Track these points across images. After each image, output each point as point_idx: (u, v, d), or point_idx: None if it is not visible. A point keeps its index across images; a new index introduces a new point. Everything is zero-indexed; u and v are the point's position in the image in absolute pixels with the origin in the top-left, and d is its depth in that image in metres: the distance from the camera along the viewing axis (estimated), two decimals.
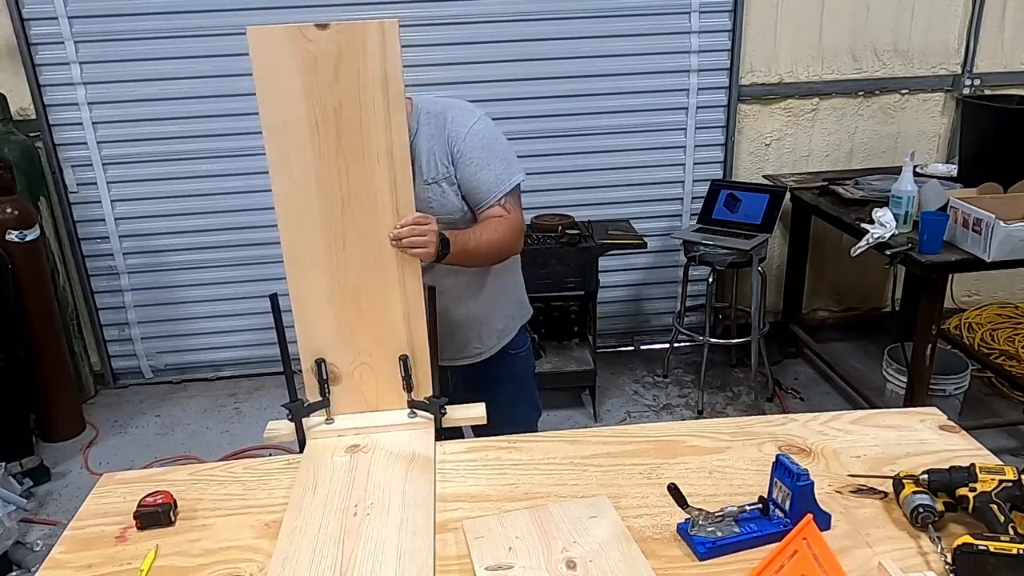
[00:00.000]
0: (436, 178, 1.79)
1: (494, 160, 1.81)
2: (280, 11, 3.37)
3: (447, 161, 1.79)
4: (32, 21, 3.35)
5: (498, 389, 2.01)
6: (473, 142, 1.78)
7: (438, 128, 1.79)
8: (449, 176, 1.80)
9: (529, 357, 2.12)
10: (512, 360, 2.05)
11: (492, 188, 1.80)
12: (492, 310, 1.99)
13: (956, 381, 3.19)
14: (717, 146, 3.85)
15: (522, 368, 2.11)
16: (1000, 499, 1.18)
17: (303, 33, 1.38)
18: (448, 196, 1.80)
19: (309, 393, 1.55)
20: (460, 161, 1.79)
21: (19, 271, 3.13)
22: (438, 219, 1.76)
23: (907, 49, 3.78)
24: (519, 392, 2.10)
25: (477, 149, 1.78)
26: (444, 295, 1.84)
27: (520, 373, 2.10)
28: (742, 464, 1.41)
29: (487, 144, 1.80)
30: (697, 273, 3.75)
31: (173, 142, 3.56)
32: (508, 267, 2.02)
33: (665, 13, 3.60)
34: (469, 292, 1.94)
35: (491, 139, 1.82)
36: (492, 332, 2.01)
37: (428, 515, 1.27)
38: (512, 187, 1.83)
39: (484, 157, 1.79)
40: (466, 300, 1.93)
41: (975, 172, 3.14)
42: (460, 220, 1.83)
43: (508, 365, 2.05)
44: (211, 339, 3.90)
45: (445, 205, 1.80)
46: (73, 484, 3.13)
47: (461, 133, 1.79)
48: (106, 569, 1.21)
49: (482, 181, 1.79)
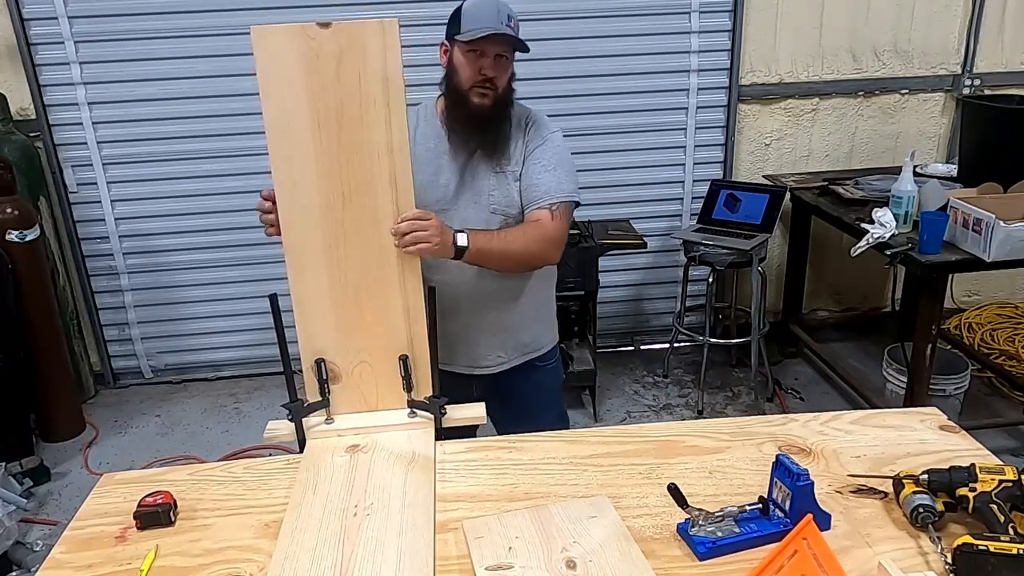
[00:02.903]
0: (504, 168, 1.84)
1: (560, 169, 1.85)
2: (280, 11, 3.36)
3: (520, 157, 1.84)
4: (32, 21, 3.35)
5: (526, 400, 2.02)
6: (548, 147, 1.85)
7: (518, 122, 1.86)
8: (515, 171, 1.85)
9: (557, 368, 2.11)
10: (540, 372, 2.05)
11: (549, 191, 1.83)
12: (521, 322, 1.98)
13: (956, 381, 3.18)
14: (717, 146, 3.85)
15: (550, 380, 2.10)
16: (1000, 499, 1.18)
17: (306, 32, 1.40)
18: (511, 189, 1.84)
19: (309, 393, 1.55)
20: (530, 158, 1.84)
21: (19, 271, 3.12)
22: (496, 211, 1.83)
23: (907, 49, 3.78)
24: (546, 403, 2.09)
25: (549, 153, 1.85)
26: (477, 297, 1.88)
27: (548, 384, 2.10)
28: (742, 464, 1.41)
29: (560, 154, 1.87)
30: (697, 273, 3.75)
31: (173, 142, 3.56)
32: (547, 282, 2.03)
33: (665, 13, 3.60)
34: (503, 299, 1.93)
35: (564, 152, 1.88)
36: (517, 344, 1.99)
37: (428, 515, 1.27)
38: (568, 199, 1.85)
39: (553, 163, 1.85)
40: (499, 306, 1.93)
41: (975, 172, 3.14)
42: (515, 218, 1.86)
43: (535, 377, 2.04)
44: (211, 339, 3.90)
45: (507, 197, 1.84)
46: (73, 484, 3.13)
47: (541, 135, 1.87)
48: (106, 569, 1.21)
49: (542, 182, 1.83)
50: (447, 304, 1.84)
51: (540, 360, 2.04)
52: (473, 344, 1.94)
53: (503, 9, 1.75)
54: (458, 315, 1.89)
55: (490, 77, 1.75)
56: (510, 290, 1.94)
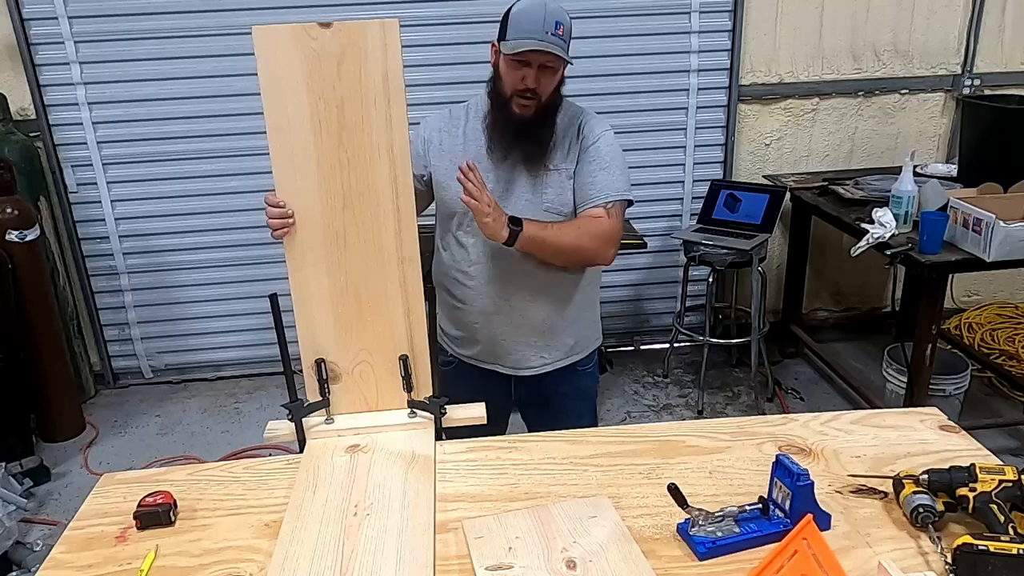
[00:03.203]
0: (558, 166, 1.83)
1: (615, 168, 1.85)
2: (280, 11, 3.36)
3: (574, 156, 1.84)
4: (32, 21, 3.35)
5: (565, 404, 2.01)
6: (602, 145, 1.85)
7: (571, 121, 1.86)
8: (570, 169, 1.84)
9: (595, 372, 2.11)
10: (579, 375, 2.04)
11: (604, 189, 1.83)
12: (568, 324, 1.96)
13: (956, 381, 3.19)
14: (717, 146, 3.85)
15: (588, 383, 2.09)
16: (1000, 499, 1.18)
17: (307, 32, 1.40)
18: (565, 188, 1.84)
19: (309, 393, 1.55)
20: (584, 157, 1.84)
21: (19, 271, 3.12)
22: (549, 209, 1.83)
23: (907, 49, 3.78)
24: (583, 408, 2.08)
25: (604, 152, 1.84)
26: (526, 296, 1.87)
27: (586, 388, 2.09)
28: (742, 464, 1.41)
29: (614, 152, 1.86)
30: (697, 273, 3.75)
31: (173, 142, 3.56)
32: (594, 283, 2.02)
33: (665, 13, 3.60)
34: (552, 299, 1.91)
35: (617, 150, 1.87)
36: (562, 346, 1.98)
37: (428, 515, 1.27)
38: (622, 198, 1.85)
39: (608, 161, 1.84)
40: (547, 307, 1.91)
41: (975, 172, 3.14)
42: (568, 216, 1.86)
43: (576, 381, 2.03)
44: (211, 339, 3.90)
45: (560, 196, 1.84)
46: (73, 484, 3.13)
47: (595, 133, 1.86)
48: (106, 569, 1.21)
49: (597, 180, 1.83)
50: (495, 303, 1.86)
51: (581, 364, 2.02)
52: (519, 344, 1.93)
53: (551, 16, 1.71)
54: (508, 314, 1.88)
55: (531, 88, 1.74)
56: (559, 291, 1.92)
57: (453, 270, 1.92)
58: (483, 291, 1.88)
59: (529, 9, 1.72)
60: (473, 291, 1.90)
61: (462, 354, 2.02)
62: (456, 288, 1.93)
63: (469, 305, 1.92)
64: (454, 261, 1.91)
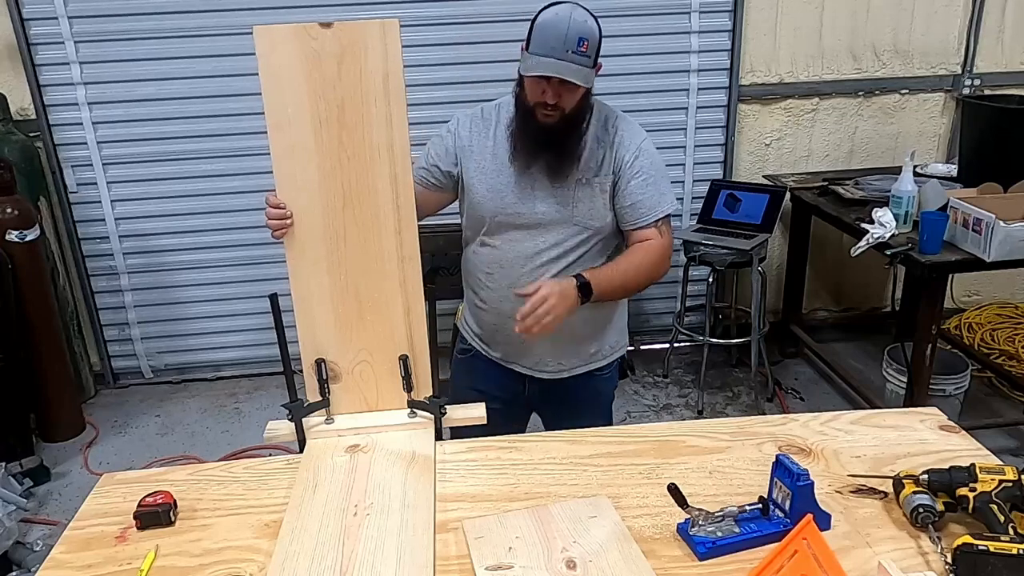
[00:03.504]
0: (590, 179, 1.77)
1: (660, 180, 1.80)
2: (280, 11, 3.36)
3: (609, 169, 1.77)
4: (32, 21, 3.35)
5: (580, 407, 1.97)
6: (644, 157, 1.78)
7: (604, 132, 1.79)
8: (604, 183, 1.77)
9: (614, 376, 2.06)
10: (598, 380, 2.00)
11: (653, 207, 1.79)
12: (592, 333, 1.92)
13: (956, 381, 3.19)
14: (717, 146, 3.85)
15: (607, 387, 2.05)
16: (1000, 499, 1.18)
17: (308, 32, 1.41)
18: (597, 201, 1.78)
19: (309, 393, 1.55)
20: (626, 172, 1.77)
21: (19, 271, 3.12)
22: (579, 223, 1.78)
23: (907, 49, 3.78)
24: (599, 411, 2.05)
25: (647, 165, 1.78)
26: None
27: (604, 391, 2.05)
28: (742, 464, 1.41)
29: (655, 163, 1.80)
30: (697, 273, 3.75)
31: (173, 142, 3.56)
32: None
33: (665, 13, 3.60)
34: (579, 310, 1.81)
35: (658, 160, 1.82)
36: (583, 353, 1.93)
37: (428, 515, 1.27)
38: (669, 212, 1.82)
39: (652, 174, 1.78)
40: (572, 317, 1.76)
41: (975, 172, 3.14)
42: (604, 228, 1.81)
43: (593, 384, 1.99)
44: (211, 339, 3.90)
45: (592, 209, 1.78)
46: (73, 484, 3.13)
47: (633, 145, 1.78)
48: (106, 569, 1.21)
49: (646, 197, 1.78)
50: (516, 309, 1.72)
51: (599, 370, 1.99)
52: (538, 349, 1.89)
53: (575, 31, 1.62)
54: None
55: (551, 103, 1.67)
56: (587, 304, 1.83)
57: (478, 271, 1.89)
58: (505, 295, 1.84)
59: (553, 22, 1.64)
60: (496, 294, 1.87)
61: (483, 349, 1.99)
62: (480, 289, 1.91)
63: (490, 307, 1.89)
64: (480, 262, 1.88)
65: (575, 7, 1.68)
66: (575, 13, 1.66)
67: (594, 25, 1.69)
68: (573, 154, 1.75)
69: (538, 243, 1.80)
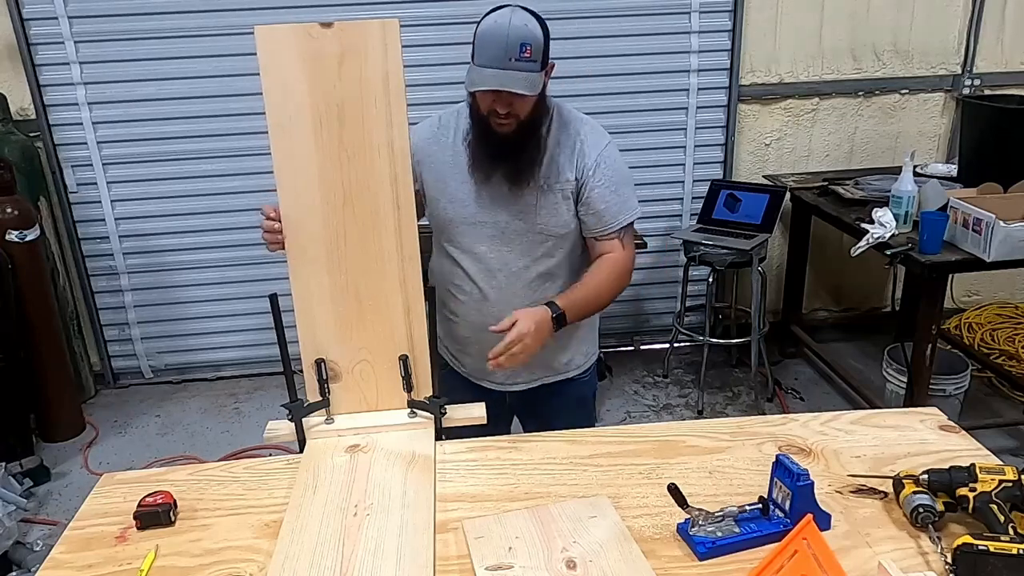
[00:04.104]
0: (552, 185, 1.72)
1: (623, 186, 1.77)
2: (281, 11, 3.36)
3: (571, 175, 1.73)
4: (32, 21, 3.35)
5: (561, 414, 1.94)
6: (607, 163, 1.73)
7: (565, 135, 1.74)
8: (567, 190, 1.73)
9: (592, 380, 2.03)
10: (574, 385, 1.97)
11: (616, 215, 1.76)
12: (563, 344, 1.89)
13: (956, 381, 3.19)
14: (717, 146, 3.85)
15: (584, 391, 2.02)
16: (1000, 499, 1.18)
17: (308, 32, 1.41)
18: (560, 208, 1.74)
19: (309, 393, 1.55)
20: (590, 180, 1.73)
21: (19, 271, 3.12)
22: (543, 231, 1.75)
23: (907, 49, 3.78)
24: (580, 415, 2.00)
25: (609, 171, 1.73)
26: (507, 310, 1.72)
27: (582, 396, 2.02)
28: (742, 464, 1.41)
29: (618, 169, 1.76)
30: (697, 273, 3.75)
31: (173, 142, 3.56)
32: None
33: (665, 13, 3.60)
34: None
35: (621, 165, 1.78)
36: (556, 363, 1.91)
37: (428, 515, 1.27)
38: (633, 219, 1.79)
39: (615, 181, 1.74)
40: None
41: (975, 172, 3.14)
42: (569, 235, 1.78)
43: (569, 390, 1.96)
44: (211, 339, 3.90)
45: (555, 216, 1.74)
46: (73, 484, 3.13)
47: (595, 150, 1.73)
48: (106, 569, 1.21)
49: (609, 205, 1.74)
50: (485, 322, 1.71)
51: (576, 376, 1.97)
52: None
53: (515, 38, 1.55)
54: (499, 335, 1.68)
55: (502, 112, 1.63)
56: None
57: (447, 282, 1.86)
58: (474, 307, 1.82)
59: (493, 30, 1.57)
60: (465, 306, 1.84)
61: (455, 364, 1.96)
62: (449, 300, 1.87)
63: (461, 319, 1.87)
64: (447, 273, 1.85)
65: (515, 11, 1.60)
66: (514, 18, 1.58)
67: (536, 27, 1.61)
68: (534, 161, 1.70)
69: (503, 253, 1.77)
